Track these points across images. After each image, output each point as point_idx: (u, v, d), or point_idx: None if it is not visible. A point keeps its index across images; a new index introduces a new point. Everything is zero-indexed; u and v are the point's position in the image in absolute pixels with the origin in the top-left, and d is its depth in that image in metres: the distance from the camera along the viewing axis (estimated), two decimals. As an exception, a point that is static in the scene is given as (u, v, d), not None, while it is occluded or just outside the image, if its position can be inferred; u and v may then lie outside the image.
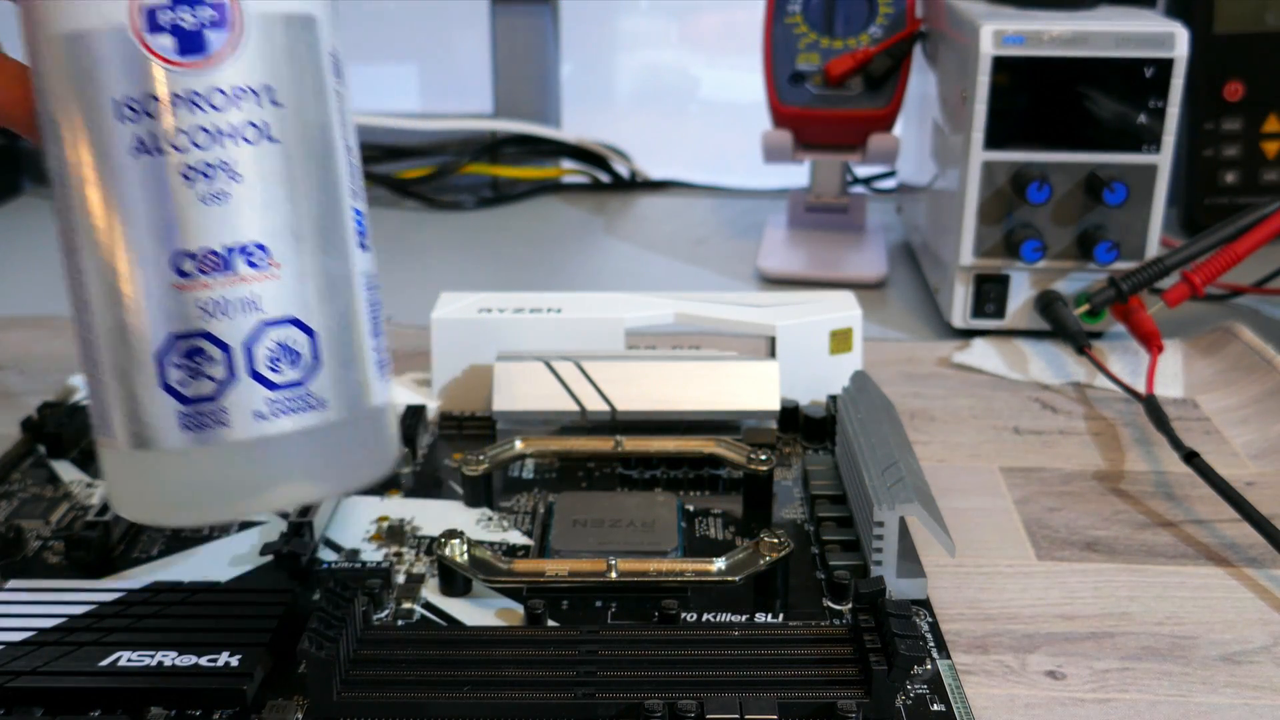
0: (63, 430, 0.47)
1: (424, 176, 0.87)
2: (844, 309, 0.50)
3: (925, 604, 0.37)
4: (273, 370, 0.26)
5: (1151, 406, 0.48)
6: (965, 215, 0.57)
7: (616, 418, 0.46)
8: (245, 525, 0.42)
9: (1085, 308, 0.56)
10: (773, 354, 0.49)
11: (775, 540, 0.37)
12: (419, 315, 0.60)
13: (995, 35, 0.55)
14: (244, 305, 0.26)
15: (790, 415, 0.48)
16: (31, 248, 0.78)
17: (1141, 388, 0.51)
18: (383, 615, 0.37)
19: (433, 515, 0.43)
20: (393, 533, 0.41)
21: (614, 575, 0.36)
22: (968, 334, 0.60)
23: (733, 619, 0.36)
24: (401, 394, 0.51)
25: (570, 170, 0.92)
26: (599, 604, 0.37)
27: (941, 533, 0.36)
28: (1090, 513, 0.44)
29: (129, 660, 0.33)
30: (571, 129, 0.92)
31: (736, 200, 0.87)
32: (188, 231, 0.25)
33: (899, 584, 0.37)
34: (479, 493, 0.43)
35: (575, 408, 0.46)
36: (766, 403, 0.46)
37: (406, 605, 0.37)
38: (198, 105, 0.25)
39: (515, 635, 0.35)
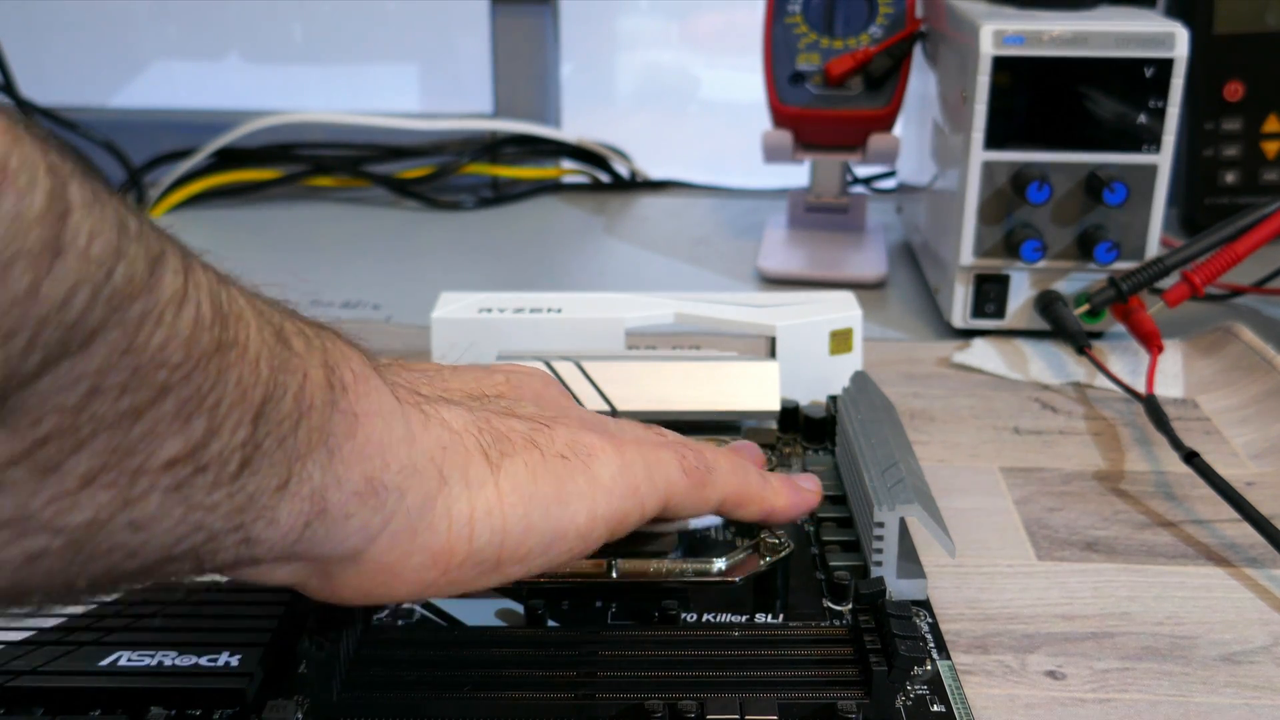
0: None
1: (424, 176, 0.87)
2: (844, 309, 0.50)
3: (925, 604, 0.37)
4: None
5: (1151, 406, 0.48)
6: (965, 215, 0.57)
7: (617, 418, 0.46)
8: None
9: (1085, 308, 0.56)
10: (773, 354, 0.49)
11: (775, 541, 0.37)
12: (419, 315, 0.60)
13: (995, 35, 0.55)
14: None
15: (790, 415, 0.48)
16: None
17: (1141, 388, 0.51)
18: (383, 615, 0.37)
19: (433, 515, 0.43)
20: (393, 533, 0.41)
21: (614, 575, 0.36)
22: (968, 334, 0.60)
23: (733, 619, 0.36)
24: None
25: (570, 170, 0.92)
26: (599, 604, 0.37)
27: (941, 533, 0.36)
28: (1090, 513, 0.44)
29: (129, 660, 0.33)
30: (571, 129, 0.92)
31: (736, 200, 0.87)
32: None
33: (899, 585, 0.37)
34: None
35: (575, 408, 0.46)
36: (766, 403, 0.46)
37: (406, 605, 0.37)
38: None
39: (515, 635, 0.35)
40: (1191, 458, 0.44)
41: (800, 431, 0.48)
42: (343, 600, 0.29)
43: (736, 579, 0.36)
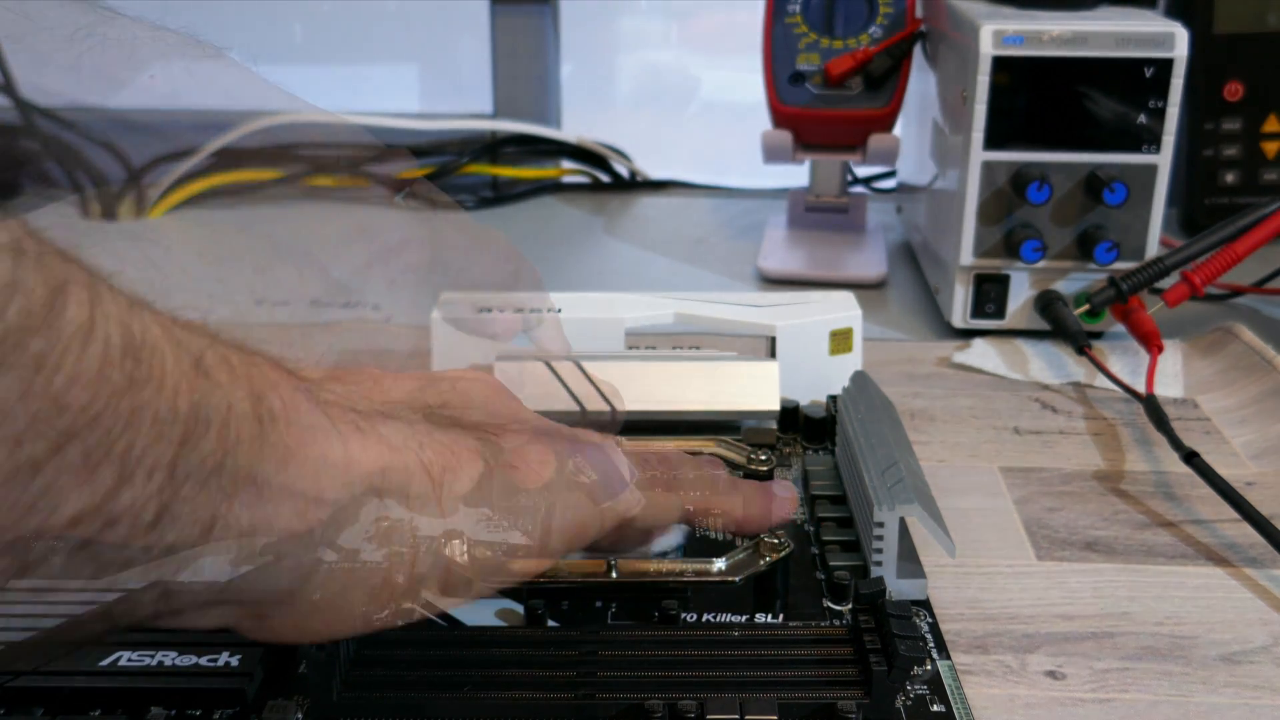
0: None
1: (424, 176, 0.87)
2: (844, 309, 0.50)
3: (925, 604, 0.37)
4: None
5: (1151, 406, 0.48)
6: (965, 215, 0.57)
7: (616, 418, 0.46)
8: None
9: (1085, 308, 0.56)
10: (773, 354, 0.49)
11: (775, 540, 0.37)
12: (419, 315, 0.60)
13: (995, 35, 0.55)
14: None
15: (790, 415, 0.48)
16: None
17: (1141, 388, 0.51)
18: (382, 615, 0.37)
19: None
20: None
21: (614, 575, 0.36)
22: (968, 334, 0.60)
23: (733, 619, 0.36)
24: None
25: (570, 170, 0.92)
26: (599, 604, 0.37)
27: (941, 533, 0.36)
28: (1090, 513, 0.44)
29: (129, 660, 0.32)
30: (571, 129, 0.92)
31: (736, 200, 0.87)
32: None
33: (899, 584, 0.37)
34: (479, 493, 0.43)
35: (575, 408, 0.46)
36: (766, 403, 0.46)
37: (406, 605, 0.37)
38: None
39: (515, 635, 0.35)
40: (1191, 458, 0.44)
41: (800, 431, 0.48)
42: (281, 640, 0.27)
43: (736, 579, 0.36)
